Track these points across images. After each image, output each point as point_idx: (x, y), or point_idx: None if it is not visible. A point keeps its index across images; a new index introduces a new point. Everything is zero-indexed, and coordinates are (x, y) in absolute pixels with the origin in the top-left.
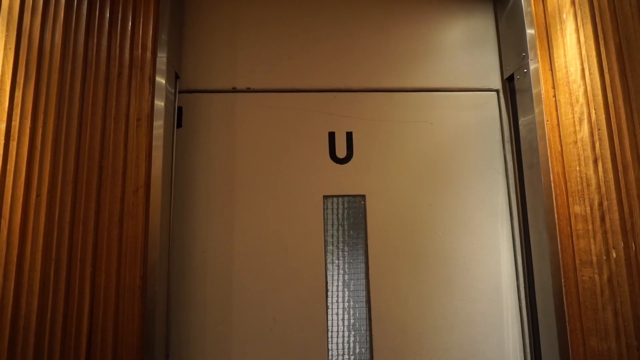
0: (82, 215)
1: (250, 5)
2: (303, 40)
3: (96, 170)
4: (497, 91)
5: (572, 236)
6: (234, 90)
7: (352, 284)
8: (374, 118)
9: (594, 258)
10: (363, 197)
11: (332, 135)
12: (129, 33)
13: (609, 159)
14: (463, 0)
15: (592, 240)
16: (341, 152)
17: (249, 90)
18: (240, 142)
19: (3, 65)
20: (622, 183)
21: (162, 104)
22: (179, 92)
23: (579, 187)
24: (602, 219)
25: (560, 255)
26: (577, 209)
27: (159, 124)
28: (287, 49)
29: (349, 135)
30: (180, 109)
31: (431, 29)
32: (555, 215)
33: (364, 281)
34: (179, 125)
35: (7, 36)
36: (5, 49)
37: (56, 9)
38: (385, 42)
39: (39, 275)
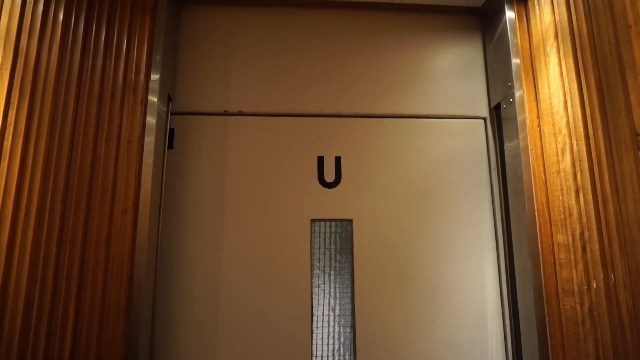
0: (69, 235)
1: (243, 30)
2: (294, 65)
3: (86, 191)
4: (485, 119)
5: (555, 265)
6: (226, 113)
7: (337, 308)
8: (363, 143)
9: (576, 288)
10: (350, 221)
11: (321, 160)
12: (123, 55)
13: (590, 191)
14: (452, 29)
15: (574, 270)
16: (330, 177)
17: (240, 114)
18: (231, 164)
19: None
20: (602, 215)
21: (154, 126)
22: (172, 114)
23: (562, 216)
24: (584, 249)
25: (543, 284)
26: (560, 238)
27: (149, 145)
28: (278, 74)
29: (338, 160)
30: (172, 131)
31: (421, 56)
32: (539, 244)
33: (349, 306)
34: (170, 146)
35: (3, 57)
36: (1, 69)
37: (53, 29)
38: (375, 68)
39: (23, 295)
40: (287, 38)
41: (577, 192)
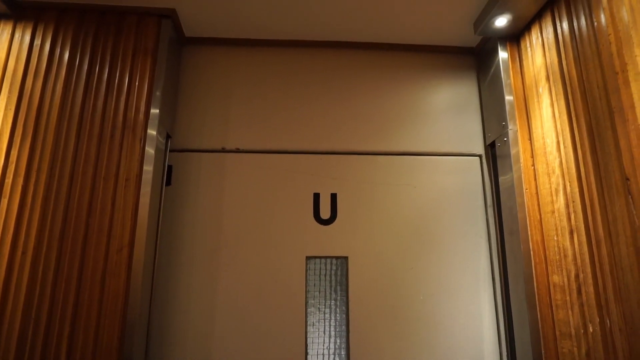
0: (65, 273)
1: (242, 69)
2: (291, 103)
3: (83, 229)
4: (480, 156)
5: (551, 306)
6: (224, 150)
7: (332, 347)
8: (359, 180)
9: (573, 330)
10: (346, 258)
11: (317, 197)
12: (124, 95)
13: (584, 232)
14: (448, 68)
15: (570, 312)
16: (325, 213)
17: (237, 151)
18: (227, 201)
19: (2, 125)
20: (596, 257)
21: (152, 164)
22: (170, 151)
23: (557, 257)
24: (579, 291)
25: (540, 325)
26: (556, 278)
27: (147, 184)
28: (275, 112)
29: (334, 197)
30: (170, 167)
31: (417, 94)
32: (535, 284)
33: (344, 344)
34: (169, 183)
35: (8, 98)
36: (5, 109)
37: (58, 70)
38: (371, 106)
39: (16, 334)
40: (284, 77)
41: (571, 233)
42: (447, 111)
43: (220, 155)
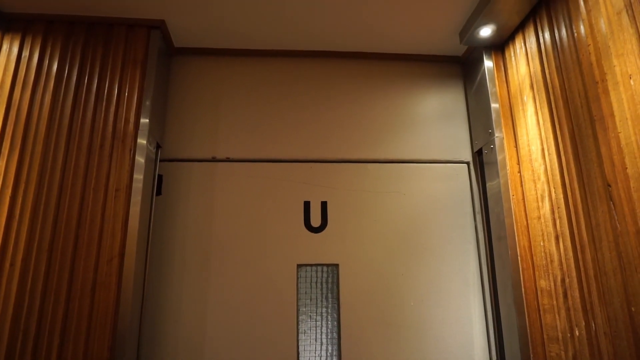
0: (54, 285)
1: (231, 78)
2: (280, 112)
3: (72, 240)
4: (468, 163)
5: (539, 311)
6: (214, 160)
7: (324, 355)
8: (348, 188)
9: (560, 334)
10: (336, 266)
11: (307, 205)
12: (113, 105)
13: (569, 238)
14: (435, 77)
15: (557, 316)
16: (316, 221)
17: (228, 160)
18: (218, 210)
19: None
20: (580, 262)
21: (142, 174)
22: (160, 160)
23: (544, 262)
24: (565, 295)
25: (528, 330)
26: (543, 283)
27: (137, 194)
28: (265, 120)
29: (324, 205)
30: (160, 177)
31: (405, 102)
32: (523, 289)
33: (336, 351)
34: (159, 192)
35: None
36: None
37: (46, 81)
38: (359, 115)
39: (5, 347)
40: (273, 86)
41: (557, 238)
42: (434, 119)
43: (210, 164)
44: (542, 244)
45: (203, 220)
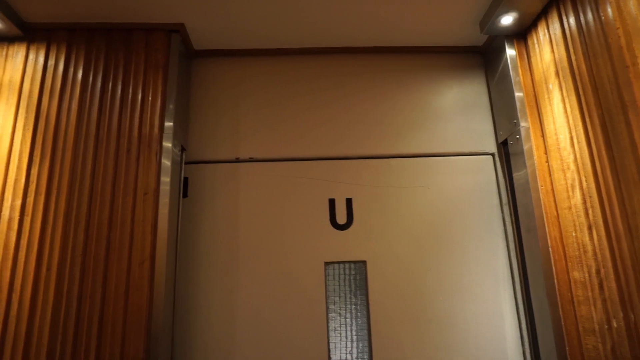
0: (89, 288)
1: (250, 79)
2: (301, 110)
3: (104, 244)
4: (493, 155)
5: (573, 302)
6: (237, 160)
7: (355, 351)
8: (373, 184)
9: (597, 326)
10: (364, 262)
11: (332, 202)
12: (138, 110)
13: (602, 227)
14: (455, 68)
15: (593, 308)
16: (341, 219)
17: (251, 160)
18: (243, 210)
19: (21, 146)
20: (616, 252)
21: (169, 177)
22: (185, 163)
23: (577, 252)
24: (601, 286)
25: (562, 322)
26: (577, 274)
27: (165, 196)
28: (286, 119)
29: (349, 202)
30: (186, 180)
31: (426, 95)
32: (555, 281)
33: (367, 348)
34: (185, 195)
35: (26, 118)
36: (24, 130)
37: (72, 89)
38: (381, 110)
39: (45, 351)
40: (293, 84)
41: (589, 228)
42: (457, 111)
43: (234, 165)
44: (574, 234)
45: (229, 221)
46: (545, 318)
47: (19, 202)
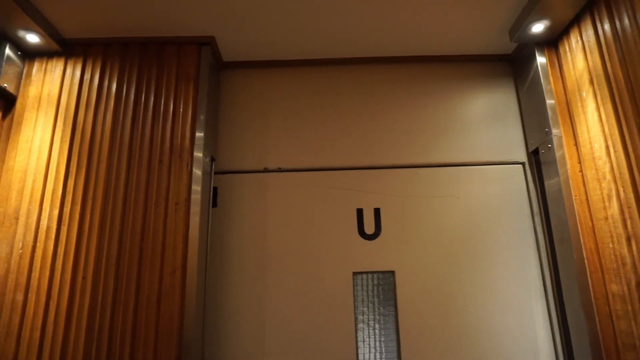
0: (123, 297)
1: (278, 89)
2: (329, 121)
3: (137, 253)
4: (523, 164)
5: (611, 316)
6: (266, 170)
7: None
8: (401, 194)
9: (637, 342)
10: (392, 273)
11: (360, 212)
12: (170, 121)
13: None
14: (484, 76)
15: (633, 323)
16: (369, 228)
17: (279, 170)
18: (272, 219)
19: (59, 157)
20: None
21: (199, 187)
22: (215, 173)
23: (614, 265)
24: None
25: (600, 336)
26: (614, 287)
27: (195, 206)
28: (314, 129)
29: (377, 212)
30: (215, 189)
31: (454, 104)
32: (592, 294)
33: (396, 359)
34: (215, 204)
35: (63, 130)
36: (61, 142)
37: (107, 101)
38: (409, 119)
39: (81, 357)
40: (320, 93)
41: (628, 240)
42: (486, 119)
43: (262, 175)
44: (611, 245)
45: (258, 230)
46: (581, 332)
47: (56, 212)
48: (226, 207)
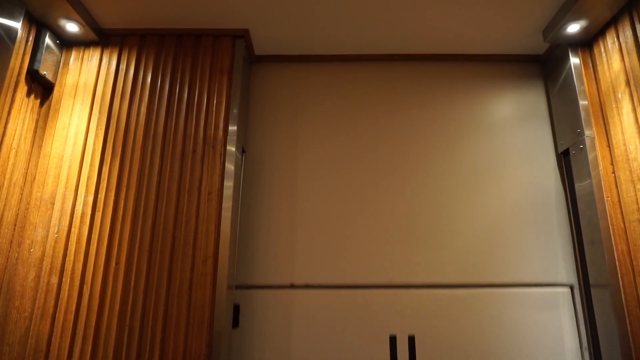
0: (155, 283)
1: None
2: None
3: (169, 241)
4: (572, 287)
5: None
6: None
7: None
8: (438, 317)
9: None
10: None
11: (393, 340)
12: (203, 113)
13: None
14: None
15: None
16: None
17: (307, 287)
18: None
19: (94, 145)
20: None
21: (232, 179)
22: (236, 288)
23: None
24: None
25: (630, 339)
26: None
27: (228, 197)
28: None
29: (412, 341)
30: (237, 308)
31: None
32: (623, 296)
33: None
34: (236, 325)
35: (98, 119)
36: (97, 129)
37: (142, 91)
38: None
39: (113, 341)
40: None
41: None
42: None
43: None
44: None
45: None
46: (611, 334)
47: (91, 198)
48: (247, 327)
